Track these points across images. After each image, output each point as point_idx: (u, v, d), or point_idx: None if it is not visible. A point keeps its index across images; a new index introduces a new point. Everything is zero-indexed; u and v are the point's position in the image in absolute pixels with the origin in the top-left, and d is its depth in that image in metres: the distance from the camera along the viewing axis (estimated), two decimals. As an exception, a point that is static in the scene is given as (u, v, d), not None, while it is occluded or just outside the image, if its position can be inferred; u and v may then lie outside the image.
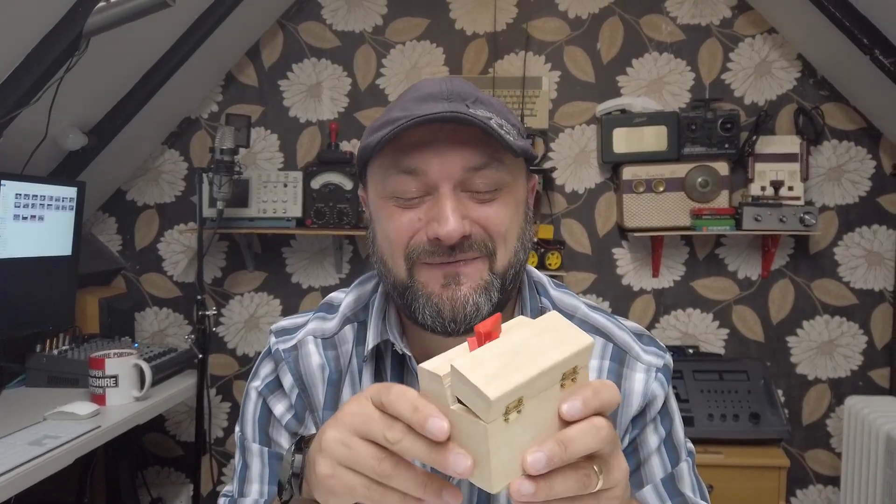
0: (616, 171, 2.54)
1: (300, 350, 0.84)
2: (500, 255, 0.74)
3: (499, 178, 0.73)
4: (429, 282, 0.73)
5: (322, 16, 2.68)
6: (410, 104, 0.73)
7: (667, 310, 2.63)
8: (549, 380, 0.50)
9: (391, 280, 0.76)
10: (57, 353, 2.18)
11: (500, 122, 0.72)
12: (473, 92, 0.75)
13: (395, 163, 0.72)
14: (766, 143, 2.46)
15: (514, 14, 2.62)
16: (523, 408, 0.49)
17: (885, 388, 2.54)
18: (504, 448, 0.49)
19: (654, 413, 0.80)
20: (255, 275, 2.75)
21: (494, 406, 0.47)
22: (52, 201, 2.19)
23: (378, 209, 0.76)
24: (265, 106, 2.71)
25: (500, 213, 0.73)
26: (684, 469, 0.81)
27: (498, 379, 0.48)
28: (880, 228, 2.52)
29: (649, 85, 2.59)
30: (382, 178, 0.74)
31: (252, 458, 0.84)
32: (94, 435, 1.76)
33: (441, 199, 0.71)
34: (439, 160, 0.71)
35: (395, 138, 0.70)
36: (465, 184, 0.72)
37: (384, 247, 0.76)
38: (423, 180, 0.72)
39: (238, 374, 2.79)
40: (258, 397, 0.85)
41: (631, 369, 0.81)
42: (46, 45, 1.83)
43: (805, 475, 2.60)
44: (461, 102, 0.72)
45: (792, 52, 2.52)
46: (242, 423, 0.86)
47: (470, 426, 0.48)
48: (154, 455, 2.83)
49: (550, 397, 0.51)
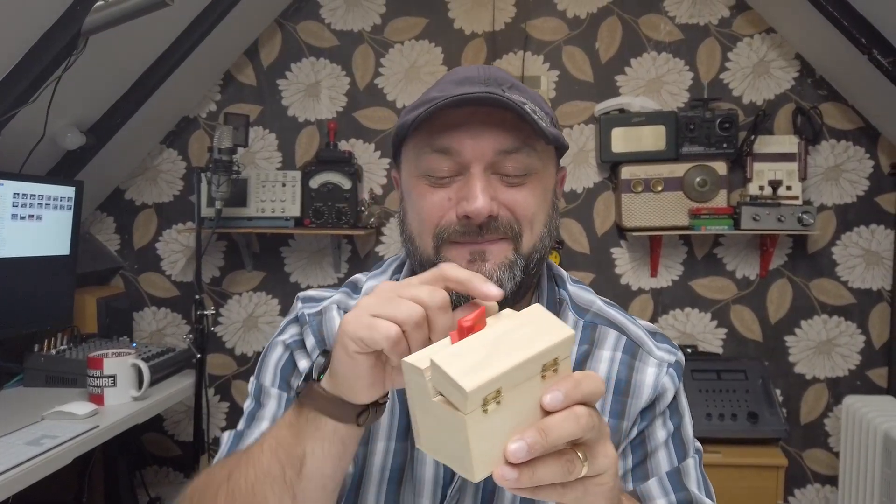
0: (614, 171, 2.54)
1: (324, 315, 0.85)
2: (525, 239, 0.75)
3: (529, 163, 0.75)
4: (455, 258, 0.75)
5: (321, 15, 2.67)
6: (448, 86, 0.76)
7: (665, 309, 2.63)
8: (528, 371, 0.52)
9: (418, 258, 0.78)
10: (55, 352, 2.17)
11: (534, 108, 0.74)
12: (509, 78, 0.78)
13: (429, 142, 0.74)
14: (765, 143, 2.46)
15: (513, 13, 2.62)
16: (503, 398, 0.50)
17: (882, 387, 2.54)
18: (484, 438, 0.50)
19: (663, 406, 0.81)
20: (254, 274, 2.75)
21: (471, 397, 0.48)
22: (50, 201, 2.19)
23: (411, 188, 0.78)
24: (263, 105, 2.71)
25: (528, 198, 0.75)
26: (691, 465, 0.81)
27: (474, 371, 0.49)
28: (878, 228, 2.53)
29: (648, 84, 2.59)
30: (416, 156, 0.76)
31: (269, 400, 0.83)
32: (92, 435, 1.76)
33: (472, 178, 0.73)
34: (472, 141, 0.73)
35: (430, 118, 0.73)
36: (495, 166, 0.74)
37: (414, 225, 0.78)
38: (455, 160, 0.74)
39: (236, 374, 2.78)
40: (285, 350, 0.85)
41: (643, 362, 0.82)
42: (44, 44, 1.82)
43: (803, 474, 2.60)
44: (497, 87, 0.74)
45: (790, 52, 2.52)
46: (261, 373, 0.86)
47: (450, 417, 0.50)
48: (152, 455, 2.83)
49: (531, 388, 0.52)
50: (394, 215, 2.69)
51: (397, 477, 0.80)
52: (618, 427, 0.80)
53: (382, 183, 2.69)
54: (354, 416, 0.63)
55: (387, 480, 0.80)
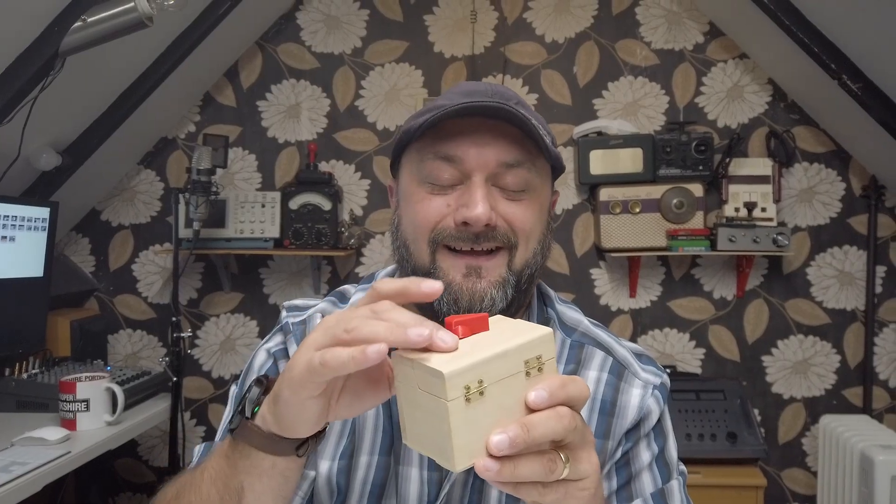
0: (593, 193, 2.56)
1: (308, 324, 0.84)
2: (520, 252, 0.76)
3: (529, 178, 0.76)
4: (450, 270, 0.75)
5: (301, 37, 2.69)
6: (456, 97, 0.76)
7: (644, 329, 2.65)
8: (509, 364, 0.53)
9: (412, 265, 0.78)
10: (26, 376, 2.13)
11: (537, 125, 0.75)
12: (515, 96, 0.79)
13: (433, 148, 0.75)
14: (739, 166, 2.51)
15: (492, 38, 2.65)
16: (486, 391, 0.52)
17: (858, 406, 2.57)
18: (466, 428, 0.51)
19: (648, 428, 0.81)
20: (232, 296, 2.73)
21: (449, 381, 0.50)
22: (24, 222, 2.16)
23: (409, 194, 0.78)
24: (243, 126, 2.71)
25: (525, 213, 0.76)
26: (675, 487, 0.81)
27: (453, 361, 0.51)
28: (851, 249, 2.57)
29: (625, 108, 2.63)
30: (419, 162, 0.77)
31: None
32: (63, 461, 1.72)
33: (473, 186, 0.73)
34: (476, 150, 0.73)
35: (436, 125, 0.74)
36: (496, 178, 0.75)
37: (408, 231, 0.78)
38: (458, 168, 0.74)
39: (213, 397, 2.74)
40: (269, 357, 0.84)
41: (628, 384, 0.82)
42: (21, 63, 1.81)
43: (782, 494, 2.61)
44: (504, 101, 0.74)
45: (763, 77, 2.58)
46: (243, 382, 0.85)
47: (434, 405, 0.52)
48: (126, 481, 2.77)
49: (515, 385, 0.54)
50: (374, 236, 2.69)
51: (378, 492, 0.79)
52: (602, 447, 0.80)
53: (363, 204, 2.69)
54: (293, 450, 0.62)
55: (367, 495, 0.79)
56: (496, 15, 2.65)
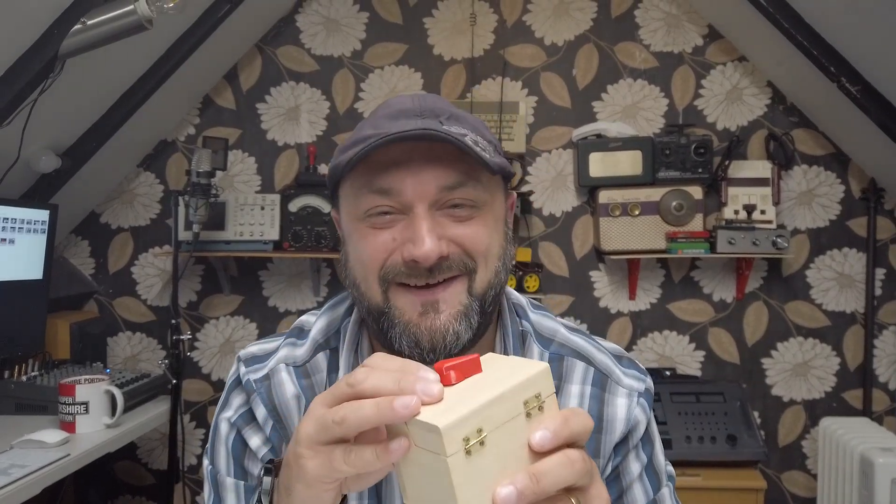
0: (592, 195, 2.57)
1: (272, 379, 0.79)
2: (480, 275, 0.71)
3: (476, 196, 0.70)
4: (406, 309, 0.70)
5: (301, 40, 2.69)
6: (382, 121, 0.71)
7: (644, 332, 2.65)
8: (507, 408, 0.50)
9: (366, 304, 0.73)
10: (26, 379, 2.12)
11: (475, 138, 0.70)
12: (447, 108, 0.73)
13: (367, 182, 0.70)
14: (739, 168, 2.51)
15: (492, 40, 2.66)
16: (486, 440, 0.49)
17: (858, 409, 2.57)
18: (470, 483, 0.48)
19: (636, 440, 0.79)
20: (231, 298, 2.72)
21: (446, 436, 0.47)
22: (23, 224, 2.16)
23: (351, 231, 0.73)
24: (243, 129, 2.71)
25: (478, 232, 0.71)
26: (666, 495, 0.80)
27: (447, 412, 0.48)
28: (850, 251, 2.57)
29: (624, 110, 2.63)
30: (355, 198, 0.72)
31: (227, 493, 0.79)
32: (63, 463, 1.72)
33: (416, 219, 0.68)
34: (413, 179, 0.68)
35: (366, 157, 0.68)
36: (440, 203, 0.69)
37: (357, 269, 0.73)
38: (397, 200, 0.69)
39: (213, 400, 2.74)
40: (231, 429, 0.80)
41: (612, 394, 0.79)
42: (21, 66, 1.81)
43: (782, 497, 2.61)
44: (434, 119, 0.70)
45: (762, 80, 2.58)
46: (213, 455, 0.81)
47: (433, 463, 0.48)
48: (125, 484, 2.76)
49: (516, 428, 0.50)
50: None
51: None
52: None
53: (362, 206, 2.68)
54: None
55: None
56: (495, 18, 2.65)
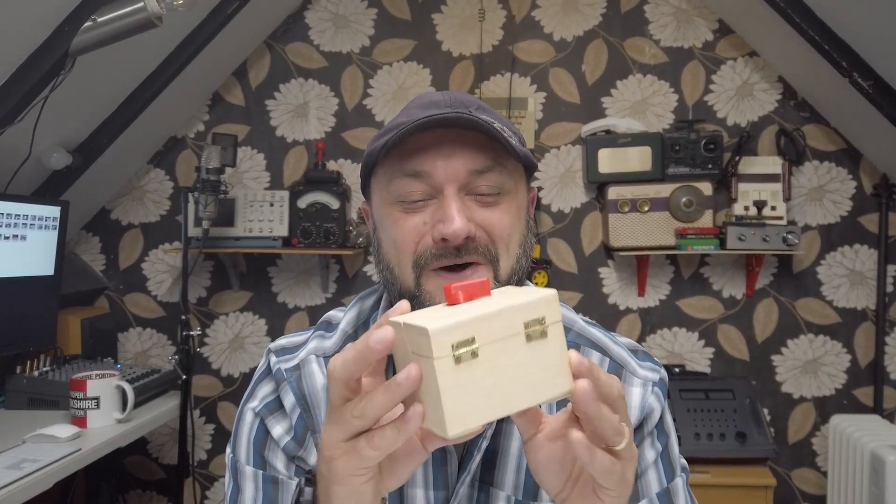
0: (601, 191, 2.56)
1: (303, 370, 0.81)
2: (503, 262, 0.75)
3: (502, 182, 0.75)
4: (436, 293, 0.73)
5: (309, 37, 2.69)
6: (415, 111, 0.75)
7: (653, 329, 2.64)
8: (505, 325, 0.50)
9: (398, 288, 0.76)
10: (37, 374, 2.14)
11: (501, 127, 0.74)
12: (475, 101, 0.78)
13: (400, 167, 0.74)
14: (749, 164, 2.49)
15: (500, 36, 2.65)
16: (480, 352, 0.49)
17: (869, 406, 2.55)
18: (458, 391, 0.48)
19: (651, 427, 0.81)
20: (241, 294, 2.73)
21: (434, 338, 0.47)
22: (34, 220, 2.17)
23: (383, 216, 0.77)
24: (252, 125, 2.71)
25: (502, 217, 0.75)
26: (679, 485, 0.81)
27: (440, 319, 0.49)
28: (861, 248, 2.55)
29: (633, 106, 2.62)
30: (387, 182, 0.76)
31: (245, 482, 0.80)
32: (74, 458, 1.73)
33: (446, 200, 0.72)
34: (444, 163, 0.73)
35: (400, 143, 0.72)
36: (468, 187, 0.74)
37: (391, 254, 0.77)
38: (428, 183, 0.73)
39: (222, 395, 2.75)
40: (255, 418, 0.82)
41: (628, 384, 0.81)
42: (32, 63, 1.82)
43: (792, 494, 2.60)
44: (464, 109, 0.74)
45: (773, 75, 2.56)
46: (235, 444, 0.83)
47: (426, 369, 0.49)
48: (135, 478, 2.78)
49: (514, 347, 0.50)
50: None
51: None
52: None
53: (370, 203, 2.69)
54: None
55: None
56: (504, 13, 2.64)
